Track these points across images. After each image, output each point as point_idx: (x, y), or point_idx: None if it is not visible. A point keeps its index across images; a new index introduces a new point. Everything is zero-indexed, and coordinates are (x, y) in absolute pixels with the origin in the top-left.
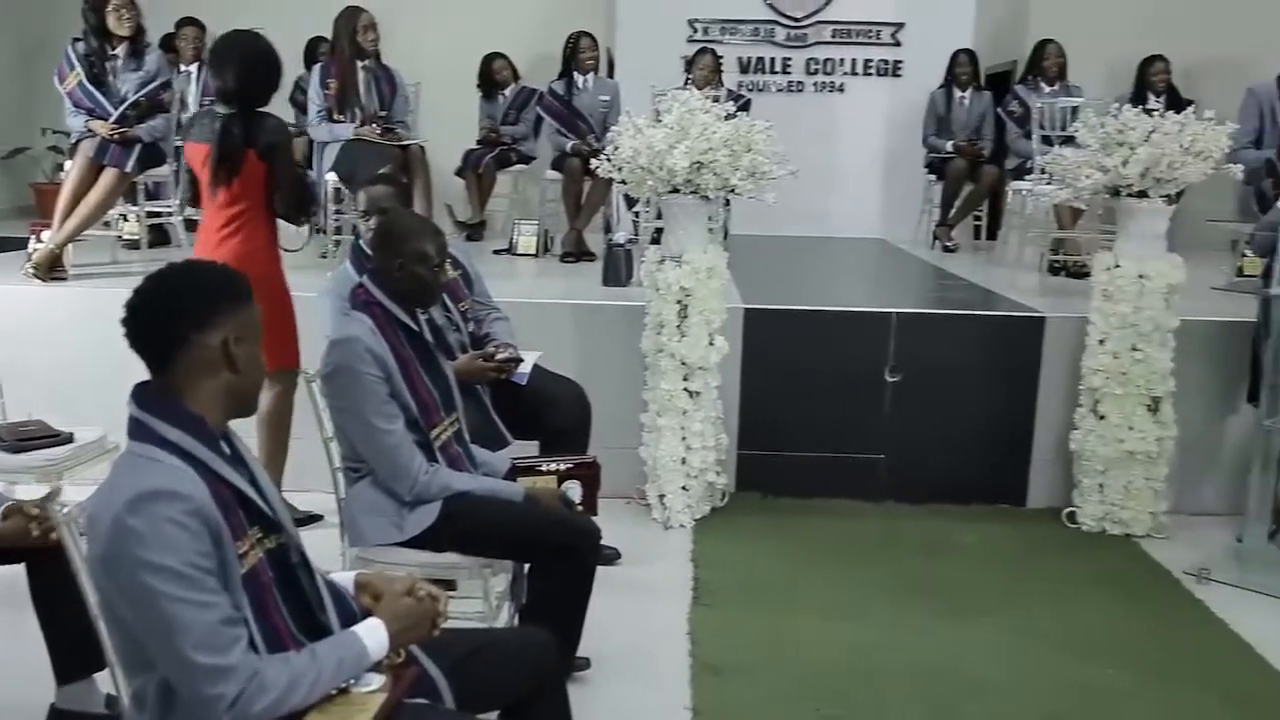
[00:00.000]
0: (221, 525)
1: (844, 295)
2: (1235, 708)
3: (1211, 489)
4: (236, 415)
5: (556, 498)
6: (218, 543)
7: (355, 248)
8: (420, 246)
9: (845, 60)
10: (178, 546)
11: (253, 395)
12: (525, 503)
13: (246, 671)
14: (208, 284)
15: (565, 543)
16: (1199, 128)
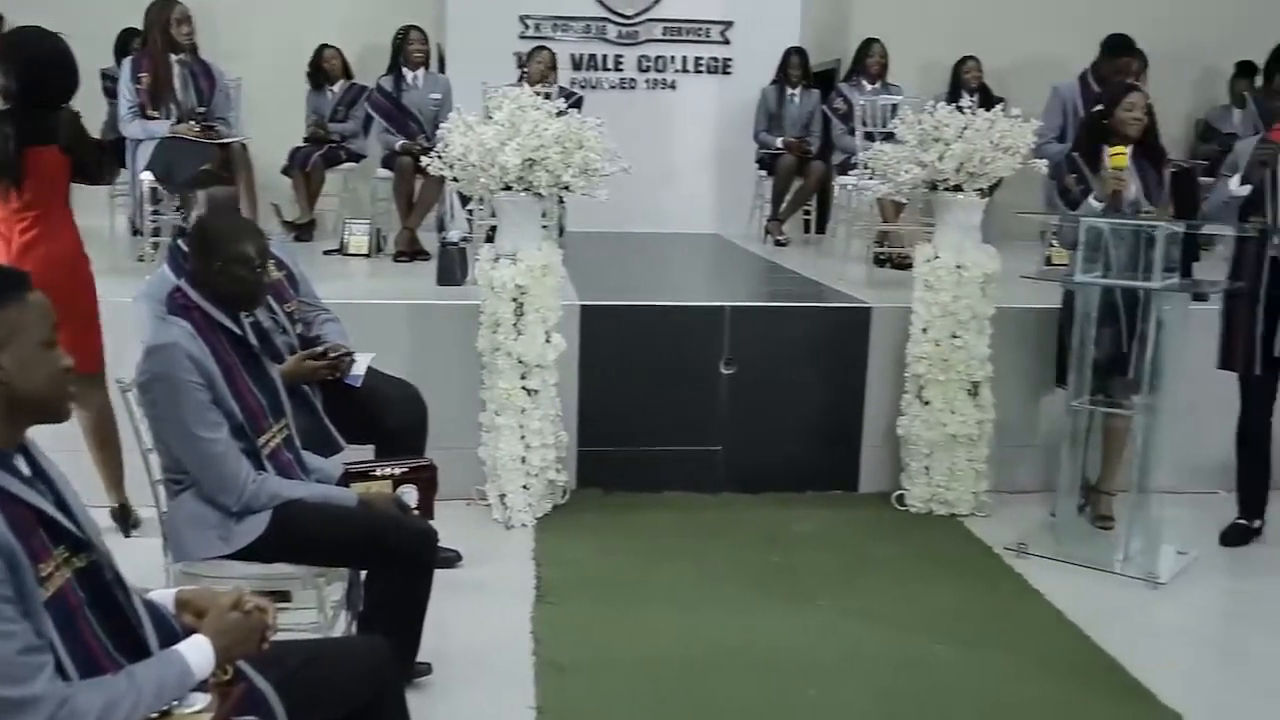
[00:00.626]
0: (17, 550)
1: (679, 290)
2: (1049, 670)
3: (1027, 468)
4: (33, 423)
5: (391, 503)
6: (14, 568)
7: (173, 249)
8: (241, 248)
9: (676, 58)
10: None
11: (44, 401)
12: (359, 508)
13: (53, 700)
14: None
15: (401, 547)
16: (1007, 125)
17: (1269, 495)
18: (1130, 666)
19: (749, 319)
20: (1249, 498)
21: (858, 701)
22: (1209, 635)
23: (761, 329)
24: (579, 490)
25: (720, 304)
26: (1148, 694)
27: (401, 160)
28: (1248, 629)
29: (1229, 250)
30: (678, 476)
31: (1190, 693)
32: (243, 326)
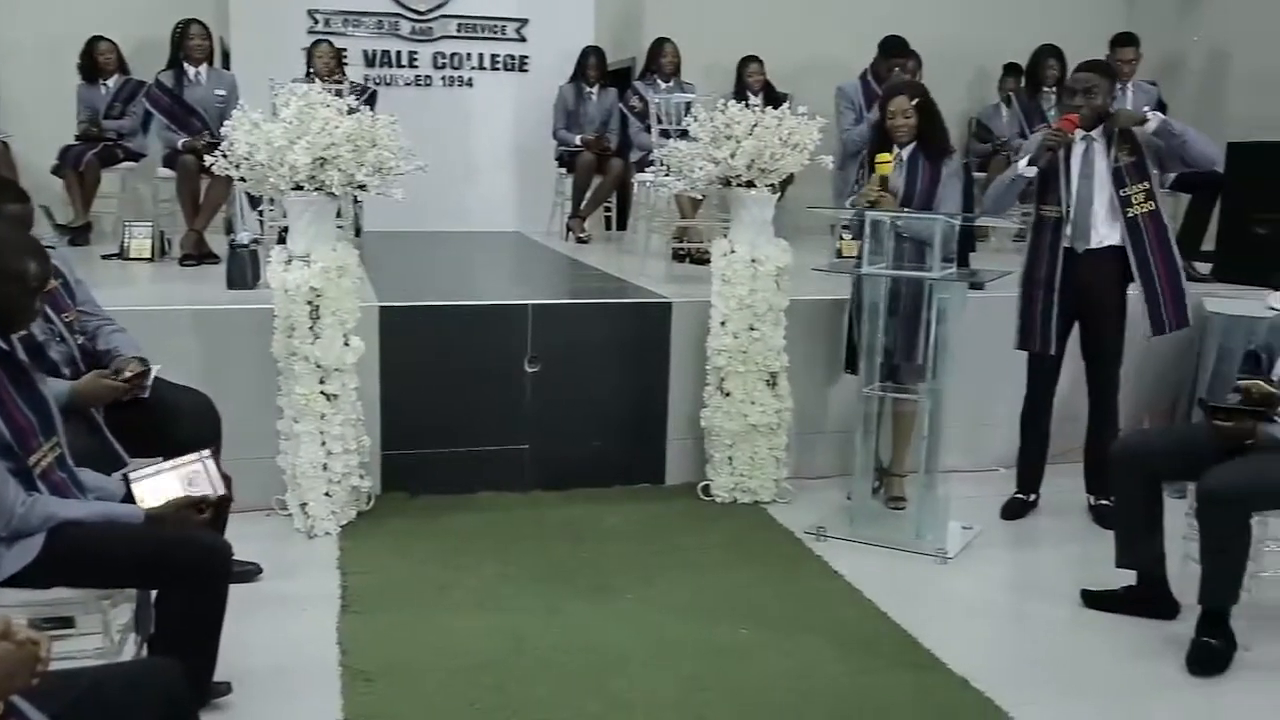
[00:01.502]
0: None
1: (481, 289)
2: (848, 647)
3: (824, 453)
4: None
5: (183, 509)
6: None
7: None
8: (17, 265)
9: (472, 55)
10: None
11: None
12: (145, 524)
13: None
14: None
15: (190, 563)
16: (795, 122)
17: (1045, 470)
18: (922, 638)
19: (552, 316)
20: (1027, 473)
21: (665, 690)
22: (993, 604)
23: (565, 326)
24: (384, 495)
25: (523, 302)
26: (939, 663)
27: (185, 159)
28: (1028, 597)
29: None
30: (485, 477)
31: (977, 660)
32: (10, 342)
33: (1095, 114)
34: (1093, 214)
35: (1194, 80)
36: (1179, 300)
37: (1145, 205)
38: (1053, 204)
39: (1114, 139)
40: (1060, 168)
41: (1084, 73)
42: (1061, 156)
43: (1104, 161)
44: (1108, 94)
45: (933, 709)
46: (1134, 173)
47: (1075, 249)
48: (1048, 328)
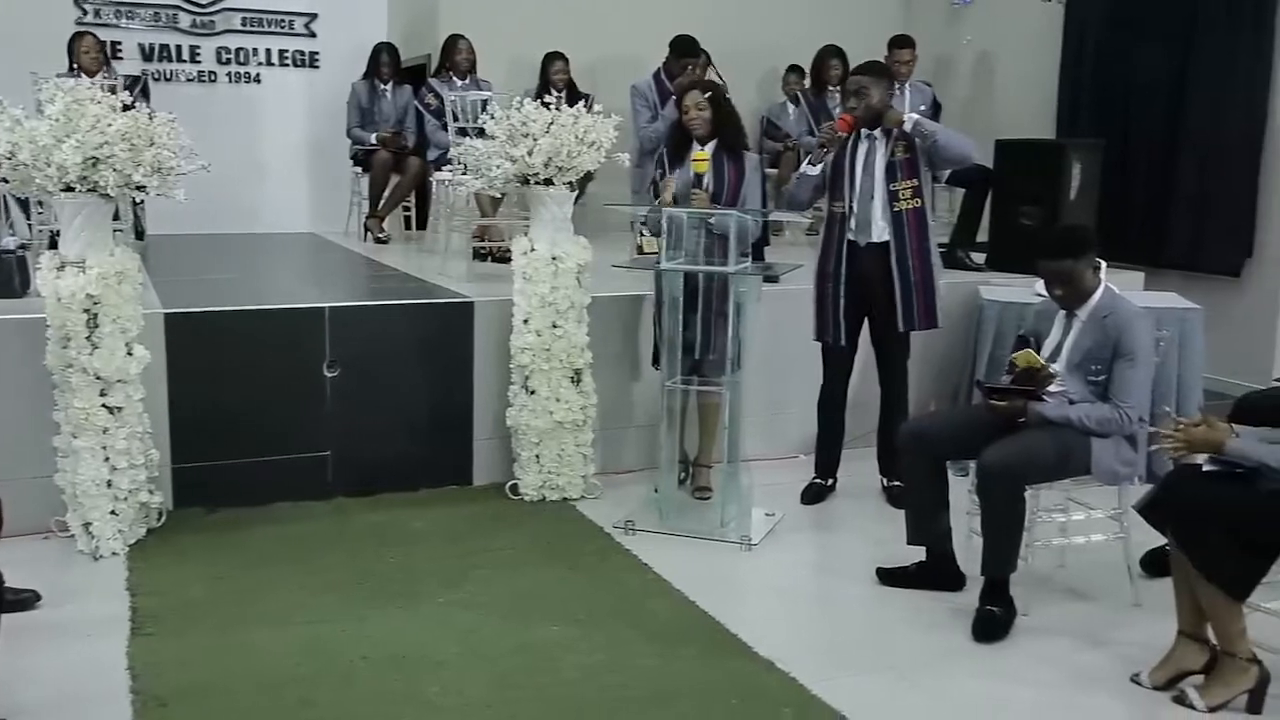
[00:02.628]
0: None
1: (276, 293)
2: (659, 638)
3: (631, 448)
4: None
5: None
6: None
7: None
8: None
9: (259, 50)
10: None
11: None
12: None
13: None
14: None
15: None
16: (590, 120)
17: (841, 456)
18: (729, 624)
19: (351, 319)
20: (824, 459)
21: (478, 692)
22: (796, 587)
23: (365, 329)
24: (177, 511)
25: (320, 305)
26: (746, 648)
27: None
28: (828, 578)
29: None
30: (286, 487)
31: (782, 642)
32: None
33: (871, 113)
34: (872, 209)
35: (965, 81)
36: (930, 301)
37: (912, 202)
38: (839, 199)
39: (891, 136)
40: (845, 165)
41: (858, 75)
42: (847, 154)
43: (881, 158)
44: (883, 94)
45: (740, 693)
46: (905, 169)
47: (858, 242)
48: (839, 319)
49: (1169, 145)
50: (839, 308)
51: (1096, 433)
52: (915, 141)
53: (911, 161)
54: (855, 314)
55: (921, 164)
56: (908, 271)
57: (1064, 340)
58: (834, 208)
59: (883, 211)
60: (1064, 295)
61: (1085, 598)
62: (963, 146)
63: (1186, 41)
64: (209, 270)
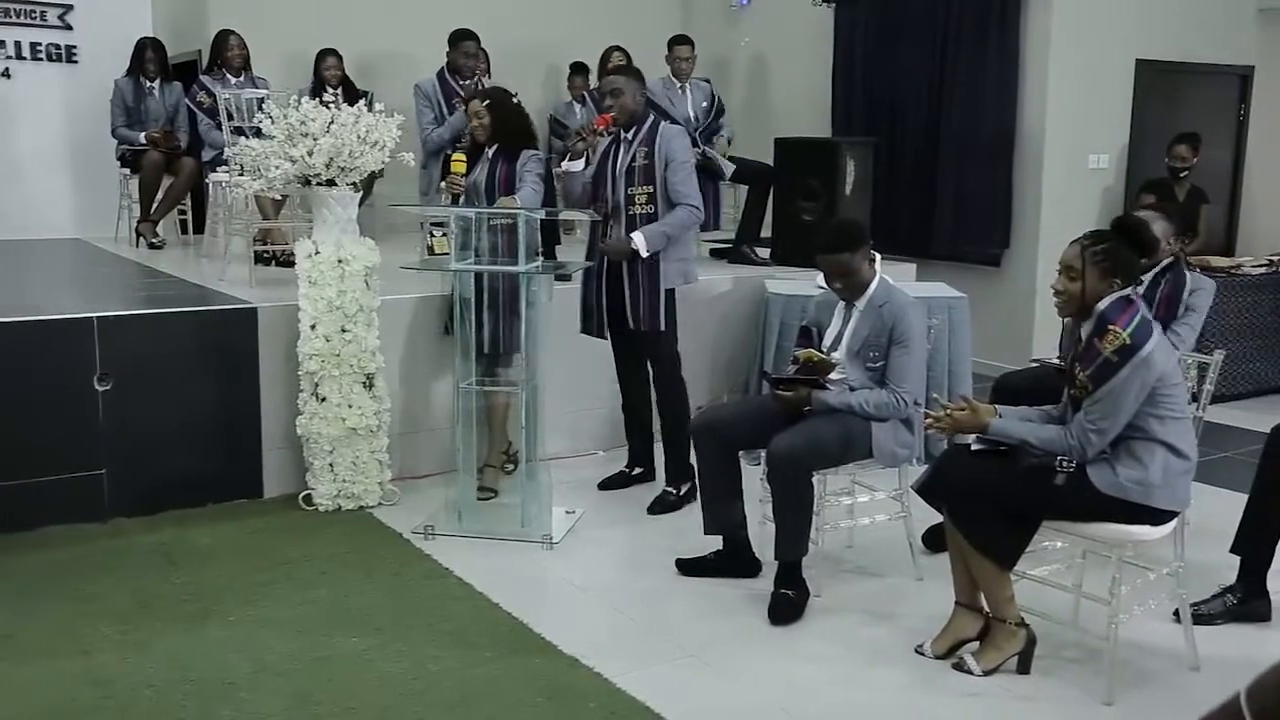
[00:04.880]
0: None
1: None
2: (463, 642)
3: (429, 452)
4: None
5: None
6: None
7: None
8: None
9: (9, 43)
10: None
11: None
12: None
13: None
14: None
15: None
16: (373, 119)
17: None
18: (533, 624)
19: (124, 329)
20: (630, 449)
21: (273, 712)
22: (598, 583)
23: (140, 338)
24: None
25: (88, 315)
26: (550, 646)
27: None
28: (629, 572)
29: None
30: (56, 509)
31: (585, 638)
32: None
33: (627, 114)
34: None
35: (743, 81)
36: (653, 306)
37: (645, 208)
38: (601, 201)
39: (636, 139)
40: (606, 168)
41: (611, 75)
42: (610, 158)
43: (625, 161)
44: (635, 94)
45: (545, 691)
46: (642, 175)
47: None
48: (601, 315)
49: (932, 144)
50: (601, 304)
51: (875, 417)
52: (655, 148)
53: (648, 168)
54: (616, 310)
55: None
56: (636, 275)
57: (844, 329)
58: (597, 208)
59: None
60: (843, 287)
61: (873, 575)
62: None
63: (943, 46)
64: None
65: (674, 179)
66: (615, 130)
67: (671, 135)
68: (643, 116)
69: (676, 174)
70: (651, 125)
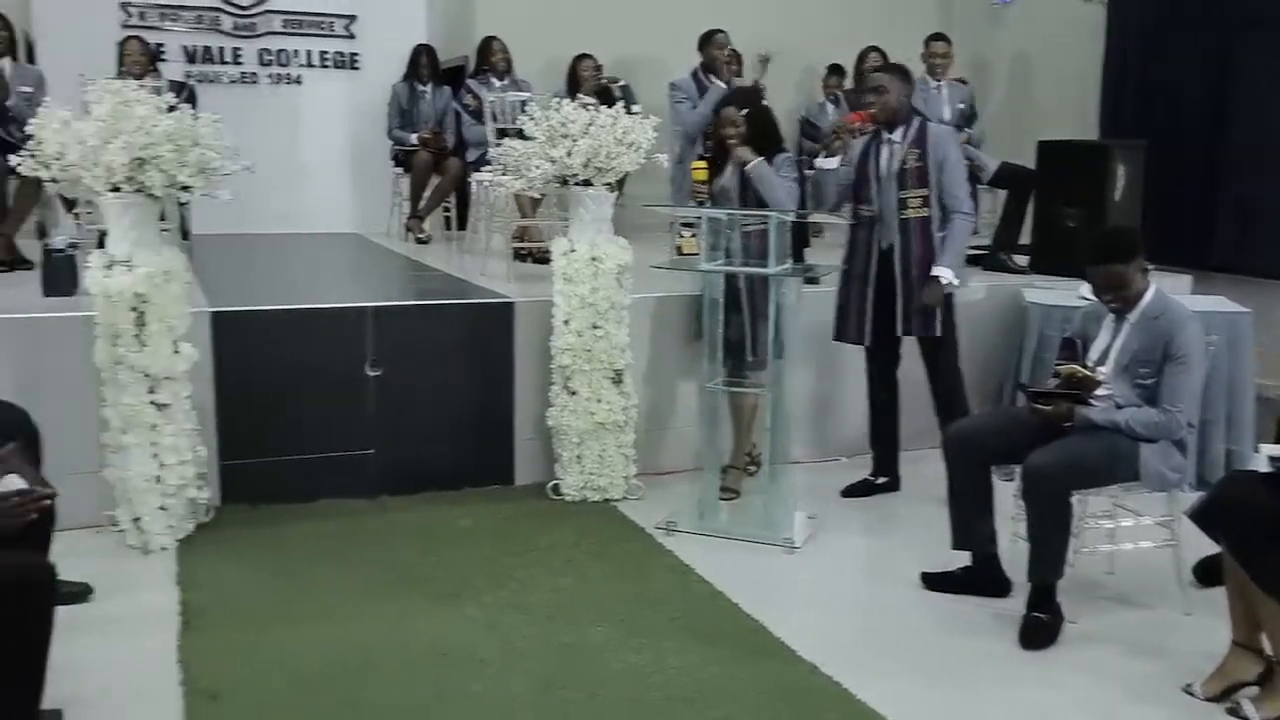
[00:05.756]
0: None
1: (319, 292)
2: (700, 639)
3: (672, 449)
4: None
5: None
6: None
7: None
8: None
9: (300, 52)
10: None
11: None
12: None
13: None
14: None
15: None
16: (629, 121)
17: (899, 456)
18: (771, 627)
19: (393, 319)
20: (876, 457)
21: (521, 692)
22: (839, 591)
23: (407, 328)
24: (224, 506)
25: (363, 305)
26: (788, 650)
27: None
28: (872, 582)
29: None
30: (330, 484)
31: (823, 645)
32: None
33: (889, 112)
34: (890, 213)
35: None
36: (929, 311)
37: (920, 211)
38: (865, 203)
39: (905, 140)
40: (870, 168)
41: (877, 72)
42: (871, 157)
43: (895, 164)
44: (900, 93)
45: (782, 695)
46: (914, 178)
47: (882, 245)
48: (861, 320)
49: (1214, 146)
50: (864, 310)
51: (1144, 438)
52: (927, 150)
53: (921, 170)
54: (881, 315)
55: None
56: (910, 279)
57: (1113, 343)
58: (860, 210)
59: (894, 217)
60: (1114, 300)
61: (1135, 605)
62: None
63: (1230, 41)
64: (254, 270)
65: (949, 183)
66: (871, 129)
67: (943, 136)
68: (906, 116)
69: (952, 178)
70: (920, 126)
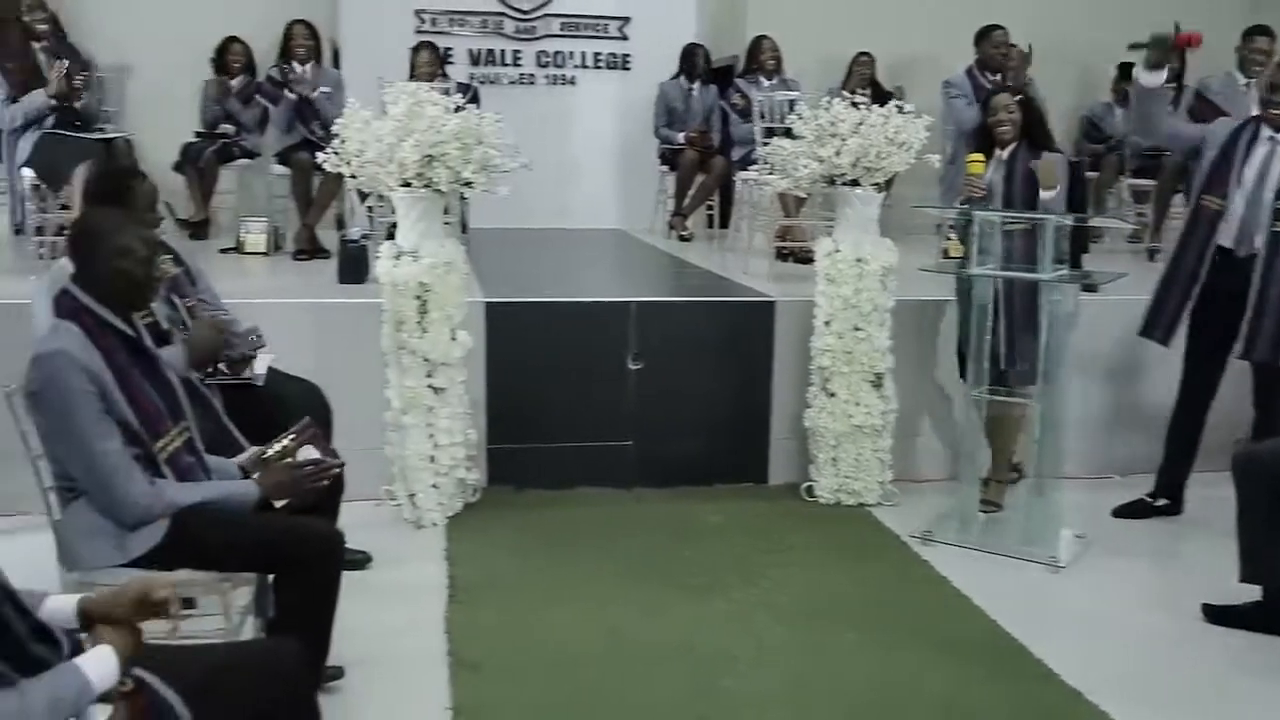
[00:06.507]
0: None
1: (585, 286)
2: (956, 655)
3: (928, 456)
4: None
5: (292, 473)
6: None
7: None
8: (123, 240)
9: (575, 53)
10: None
11: None
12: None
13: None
14: None
15: (307, 551)
16: (901, 120)
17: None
18: (1033, 648)
19: (656, 314)
20: (1162, 477)
21: (771, 690)
22: (1109, 616)
23: (668, 324)
24: (490, 488)
25: (626, 299)
26: (1051, 674)
27: (299, 156)
28: (1146, 609)
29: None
30: (589, 472)
31: (1090, 672)
32: (136, 327)
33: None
34: (1256, 217)
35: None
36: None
37: None
38: (1218, 195)
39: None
40: (1236, 159)
41: None
42: (1240, 147)
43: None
44: None
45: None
46: None
47: (1229, 246)
48: (1175, 322)
49: None
50: (1181, 310)
51: None
52: None
53: None
54: (1204, 320)
55: None
56: (1267, 297)
57: None
58: (1206, 201)
59: (1266, 225)
60: None
61: None
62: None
63: None
64: (525, 263)
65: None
66: None
67: None
68: None
69: None
70: None
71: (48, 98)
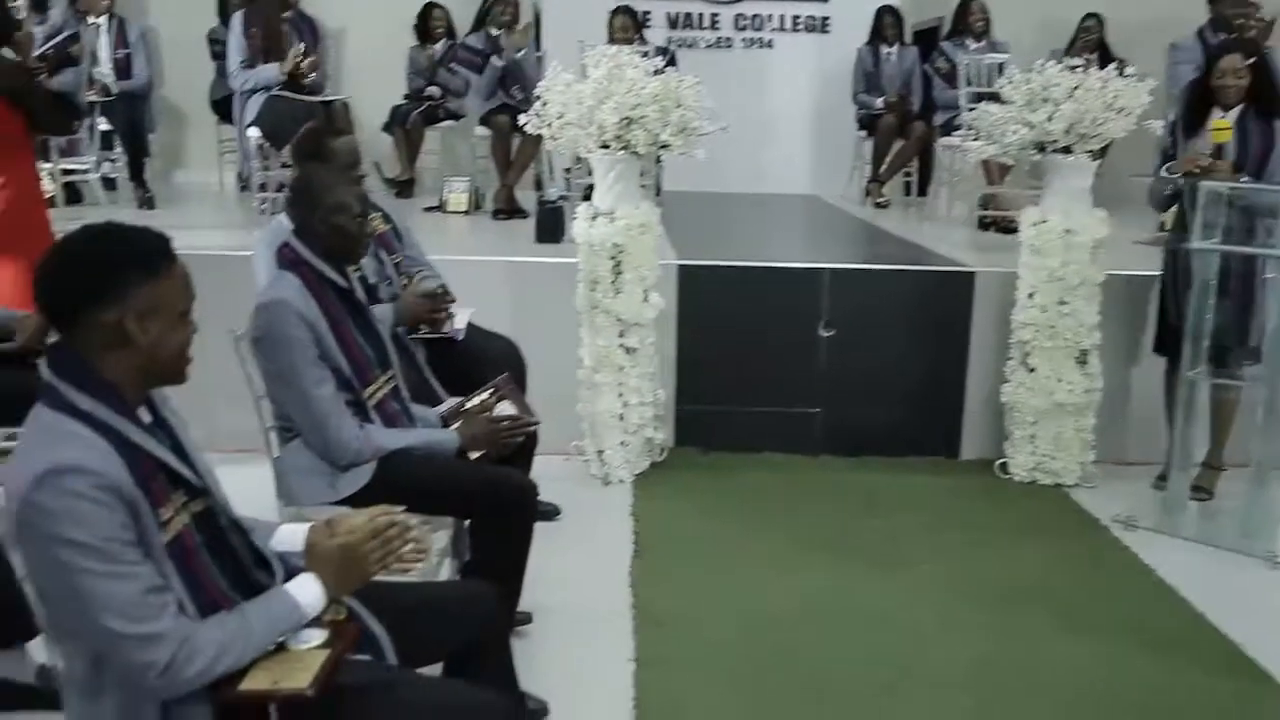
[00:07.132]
0: (139, 496)
1: (778, 251)
2: (1160, 647)
3: (1132, 438)
4: (157, 385)
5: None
6: (135, 514)
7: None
8: (339, 197)
9: (774, 16)
10: (91, 521)
11: (171, 369)
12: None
13: (176, 637)
14: (112, 255)
15: (503, 500)
16: (1121, 84)
17: None
18: (1246, 646)
19: (849, 281)
20: None
21: (954, 665)
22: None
23: (861, 292)
24: (677, 448)
25: (819, 266)
26: (1267, 675)
27: (499, 119)
28: None
29: None
30: (776, 437)
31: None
32: (349, 279)
33: None
34: None
35: None
36: None
37: None
38: None
39: None
40: None
41: None
42: None
43: None
44: None
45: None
46: None
47: None
48: None
49: None
50: None
51: None
52: None
53: None
54: None
55: None
56: None
57: None
58: None
59: None
60: None
61: None
62: None
63: None
64: (717, 226)
65: None
66: None
67: None
68: None
69: None
70: None
71: (280, 74)
